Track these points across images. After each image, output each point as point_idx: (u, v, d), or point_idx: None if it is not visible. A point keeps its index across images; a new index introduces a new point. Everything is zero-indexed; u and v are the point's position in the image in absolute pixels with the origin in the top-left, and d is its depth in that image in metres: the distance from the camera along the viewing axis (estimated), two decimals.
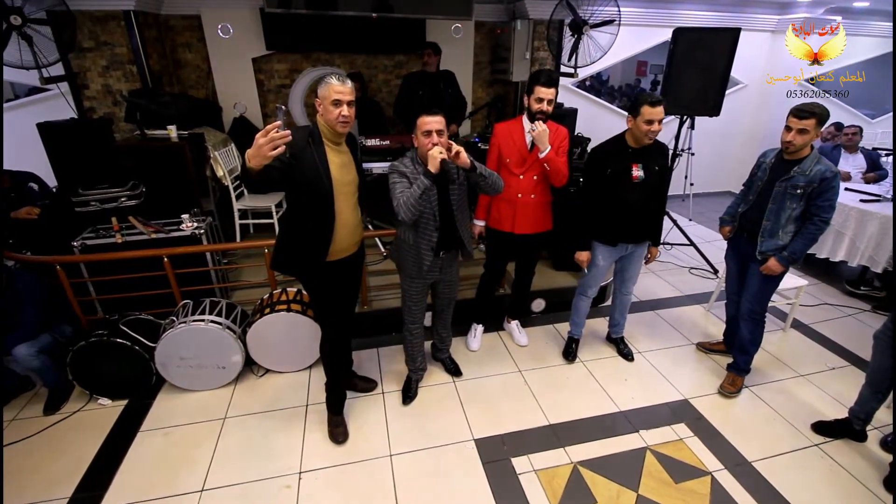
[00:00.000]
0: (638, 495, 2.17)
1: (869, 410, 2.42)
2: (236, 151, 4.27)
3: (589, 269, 2.91)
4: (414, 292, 2.51)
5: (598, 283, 2.98)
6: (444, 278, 2.56)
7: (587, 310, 3.11)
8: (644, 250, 2.86)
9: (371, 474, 2.28)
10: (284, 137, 1.61)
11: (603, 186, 2.65)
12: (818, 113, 2.27)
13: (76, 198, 3.19)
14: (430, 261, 2.33)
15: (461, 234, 2.37)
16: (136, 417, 2.65)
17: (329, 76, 1.92)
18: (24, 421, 2.64)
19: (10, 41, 3.39)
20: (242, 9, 4.43)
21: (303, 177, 1.91)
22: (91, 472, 2.31)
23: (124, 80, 4.14)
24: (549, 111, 2.56)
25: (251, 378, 2.93)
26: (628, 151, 2.57)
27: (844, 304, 3.93)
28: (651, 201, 2.67)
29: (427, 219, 2.25)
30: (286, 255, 2.13)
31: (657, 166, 2.59)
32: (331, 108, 1.90)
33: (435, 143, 2.06)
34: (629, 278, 2.96)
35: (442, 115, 2.11)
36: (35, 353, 2.59)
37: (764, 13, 5.92)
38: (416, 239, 2.32)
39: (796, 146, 2.36)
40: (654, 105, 2.38)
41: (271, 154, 1.61)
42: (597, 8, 4.18)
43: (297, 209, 2.04)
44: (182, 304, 2.85)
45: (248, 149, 1.64)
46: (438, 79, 4.21)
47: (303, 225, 2.03)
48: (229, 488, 2.21)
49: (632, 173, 2.56)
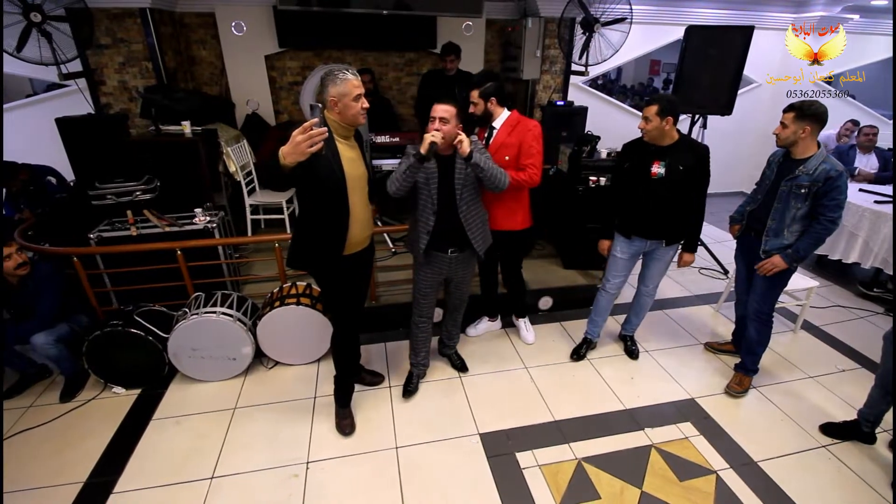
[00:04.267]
0: (642, 492, 2.18)
1: (878, 413, 2.39)
2: (248, 148, 4.32)
3: (608, 260, 2.94)
4: (423, 283, 2.53)
5: (618, 277, 2.92)
6: (456, 278, 2.58)
7: (608, 308, 3.05)
8: (668, 252, 2.79)
9: (377, 466, 2.31)
10: (322, 135, 1.64)
11: (622, 178, 2.73)
12: (797, 107, 2.31)
13: (93, 191, 3.25)
14: (425, 244, 2.36)
15: (465, 226, 2.37)
16: (148, 406, 2.71)
17: (338, 72, 1.92)
18: (42, 408, 2.72)
19: (30, 38, 3.49)
20: (256, 6, 4.49)
21: (318, 172, 1.94)
22: (105, 458, 2.37)
23: (140, 76, 4.22)
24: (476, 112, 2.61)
25: (260, 370, 2.98)
26: (650, 149, 2.58)
27: (857, 306, 3.88)
28: (673, 200, 2.60)
29: (424, 202, 2.32)
30: (303, 251, 2.16)
31: (682, 166, 2.53)
32: (352, 104, 1.93)
33: (436, 128, 2.15)
34: (649, 276, 2.91)
35: (453, 105, 2.17)
36: (53, 341, 2.66)
37: (779, 11, 5.85)
38: (414, 221, 2.41)
39: (780, 139, 2.42)
40: (646, 104, 2.50)
41: (309, 151, 1.64)
42: (608, 6, 4.17)
43: (311, 205, 2.07)
44: (194, 297, 2.90)
45: (283, 146, 1.67)
46: (454, 81, 4.25)
47: (319, 220, 2.06)
48: (239, 476, 2.26)
49: (651, 170, 2.56)
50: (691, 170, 2.54)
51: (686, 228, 2.73)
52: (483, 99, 2.57)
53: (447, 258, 2.43)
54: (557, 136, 4.48)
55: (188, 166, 3.61)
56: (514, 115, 2.65)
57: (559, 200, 3.82)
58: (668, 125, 2.46)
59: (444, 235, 2.37)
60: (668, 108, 2.45)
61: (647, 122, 2.48)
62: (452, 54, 4.22)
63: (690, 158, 2.54)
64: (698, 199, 2.66)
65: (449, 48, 4.24)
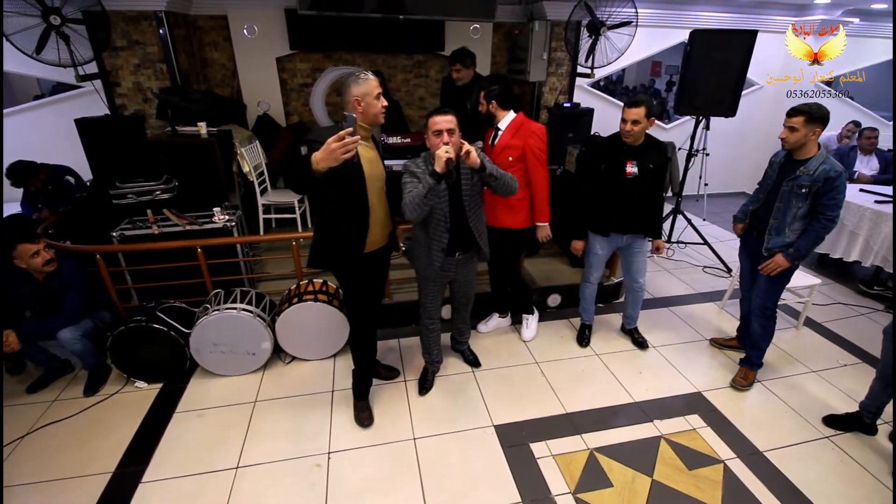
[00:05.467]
0: (653, 480, 2.26)
1: (879, 405, 2.48)
2: (261, 148, 4.40)
3: (587, 258, 3.10)
4: (429, 290, 2.59)
5: (599, 271, 3.14)
6: (459, 278, 2.63)
7: (593, 296, 3.26)
8: (644, 243, 2.98)
9: (396, 456, 2.39)
10: (356, 142, 1.77)
11: (597, 180, 2.82)
12: (805, 111, 2.35)
13: (114, 190, 3.33)
14: (440, 262, 2.36)
15: (475, 234, 2.42)
16: (171, 400, 2.79)
17: (360, 73, 2.03)
18: (66, 401, 2.79)
19: (49, 40, 3.57)
20: (268, 9, 4.57)
21: (340, 173, 2.02)
22: (132, 449, 2.45)
23: (154, 77, 4.30)
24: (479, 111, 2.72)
25: (279, 365, 3.05)
26: (623, 148, 2.70)
27: (857, 303, 3.97)
28: (645, 196, 2.77)
29: (438, 220, 2.29)
30: (325, 251, 2.23)
31: (652, 164, 2.70)
32: (374, 102, 2.03)
33: (445, 142, 2.08)
34: (636, 270, 3.07)
35: (452, 115, 2.14)
36: (79, 336, 2.74)
37: (781, 15, 5.94)
38: (427, 240, 2.36)
39: (789, 143, 2.45)
40: (629, 106, 2.58)
41: (343, 157, 1.76)
42: (614, 9, 4.26)
43: (332, 206, 2.13)
44: (214, 293, 2.97)
45: (315, 152, 1.77)
46: (463, 93, 3.64)
47: (340, 220, 2.14)
48: (263, 466, 2.33)
49: (625, 169, 2.69)
50: (659, 167, 2.74)
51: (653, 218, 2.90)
52: (486, 101, 2.70)
53: (453, 261, 2.48)
54: (564, 137, 4.56)
55: (204, 166, 3.68)
56: (519, 117, 2.74)
57: (567, 200, 3.89)
58: (650, 126, 2.59)
59: (454, 245, 2.40)
60: (654, 110, 2.56)
61: (636, 124, 2.57)
62: (458, 62, 3.56)
63: (658, 157, 2.72)
64: (660, 190, 2.86)
65: (455, 56, 3.60)
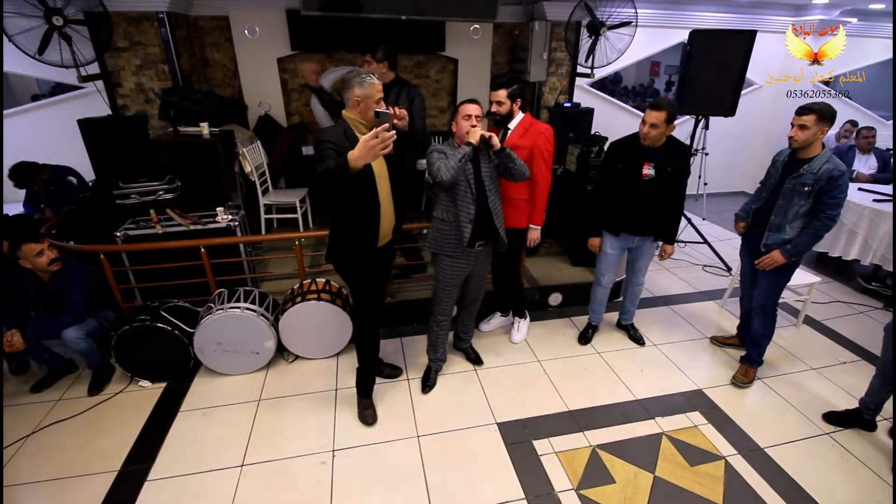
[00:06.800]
0: (655, 476, 2.28)
1: (879, 401, 2.50)
2: (262, 149, 4.41)
3: (598, 258, 3.10)
4: (448, 281, 2.60)
5: (611, 271, 3.13)
6: (475, 274, 2.69)
7: (604, 298, 3.26)
8: (653, 246, 3.00)
9: (400, 453, 2.41)
10: (392, 137, 1.83)
11: (614, 180, 2.82)
12: (817, 109, 2.36)
13: (117, 191, 3.34)
14: (469, 231, 2.44)
15: (493, 215, 2.49)
16: (175, 398, 2.80)
17: (365, 75, 2.06)
18: (71, 401, 2.80)
19: (51, 41, 3.58)
20: (269, 10, 4.58)
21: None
22: (137, 448, 2.46)
23: (156, 78, 4.31)
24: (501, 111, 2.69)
25: (282, 363, 3.07)
26: (641, 150, 2.70)
27: (857, 301, 3.99)
28: (660, 199, 2.76)
29: (464, 190, 2.41)
30: (342, 245, 2.28)
31: (671, 167, 2.69)
32: (374, 106, 2.06)
33: (473, 125, 2.33)
34: (639, 269, 3.11)
35: (479, 105, 2.37)
36: (83, 336, 2.75)
37: (779, 15, 5.97)
38: (456, 211, 2.46)
39: (798, 141, 2.45)
40: (651, 108, 2.58)
41: (382, 153, 1.83)
42: (614, 10, 4.28)
43: (345, 203, 2.18)
44: (217, 293, 2.99)
45: (351, 151, 1.83)
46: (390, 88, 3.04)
47: (354, 215, 2.20)
48: (268, 464, 2.35)
49: (642, 171, 2.69)
50: (678, 170, 2.72)
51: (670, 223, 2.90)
52: (510, 100, 2.68)
53: (474, 252, 2.54)
54: (565, 136, 4.58)
55: (207, 166, 3.70)
56: (527, 117, 2.76)
57: (567, 200, 3.92)
58: (671, 130, 2.59)
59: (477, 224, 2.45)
60: (675, 115, 2.56)
61: (655, 127, 2.58)
62: (368, 53, 2.96)
63: (678, 160, 2.71)
64: (680, 196, 2.84)
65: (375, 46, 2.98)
